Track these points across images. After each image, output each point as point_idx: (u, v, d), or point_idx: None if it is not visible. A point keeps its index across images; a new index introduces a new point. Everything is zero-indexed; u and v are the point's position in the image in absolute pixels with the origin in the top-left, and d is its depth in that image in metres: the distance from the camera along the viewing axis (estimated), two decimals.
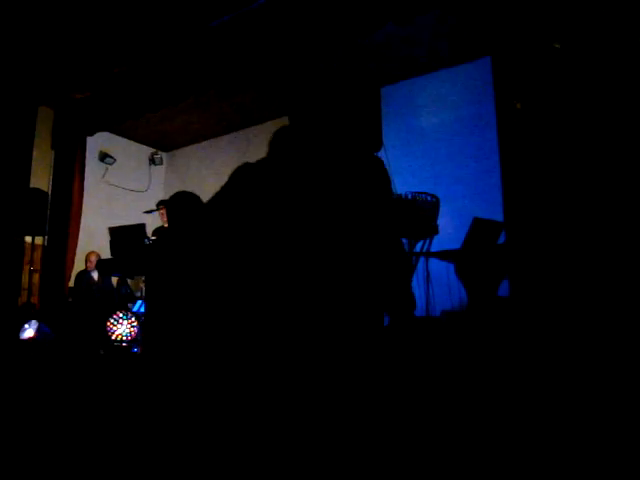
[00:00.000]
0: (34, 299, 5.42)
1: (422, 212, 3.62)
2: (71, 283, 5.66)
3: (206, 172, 6.95)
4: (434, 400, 2.09)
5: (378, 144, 3.40)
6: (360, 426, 1.78)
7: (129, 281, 5.34)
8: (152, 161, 7.77)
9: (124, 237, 4.23)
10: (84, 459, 2.28)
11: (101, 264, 5.15)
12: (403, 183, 3.99)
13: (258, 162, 1.79)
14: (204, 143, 7.65)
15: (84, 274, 5.68)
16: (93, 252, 5.72)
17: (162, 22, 4.45)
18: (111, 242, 4.59)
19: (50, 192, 5.49)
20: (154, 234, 4.76)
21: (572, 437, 1.80)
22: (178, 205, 2.73)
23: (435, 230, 3.68)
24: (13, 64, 4.65)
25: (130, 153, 7.53)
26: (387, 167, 1.69)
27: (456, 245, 3.72)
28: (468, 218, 3.72)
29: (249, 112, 6.71)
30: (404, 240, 3.95)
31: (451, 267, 3.80)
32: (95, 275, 5.60)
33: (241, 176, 1.77)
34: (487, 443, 1.87)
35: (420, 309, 3.87)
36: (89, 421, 2.69)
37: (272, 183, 1.67)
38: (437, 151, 5.48)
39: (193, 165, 7.55)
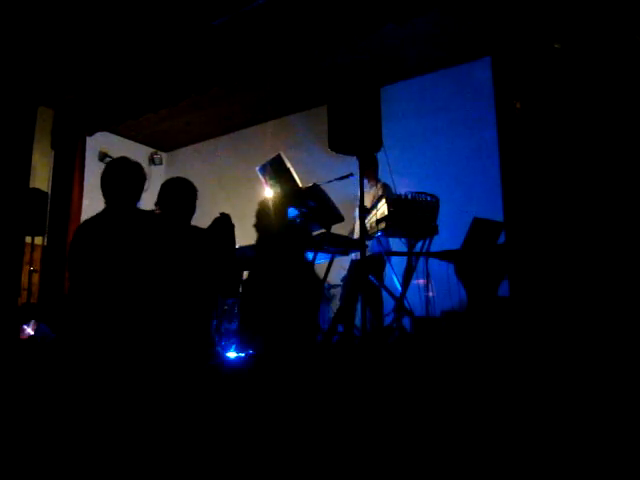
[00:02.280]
0: (34, 299, 5.42)
1: (422, 212, 3.62)
2: None
3: (206, 172, 6.95)
4: (434, 400, 2.09)
5: (378, 144, 3.40)
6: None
7: None
8: (152, 161, 7.77)
9: None
10: (83, 459, 2.27)
11: None
12: (403, 183, 4.00)
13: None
14: (204, 143, 7.64)
15: None
16: None
17: (163, 21, 4.44)
18: None
19: (50, 192, 5.49)
20: None
21: (571, 437, 1.80)
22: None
23: (435, 230, 3.68)
24: (13, 64, 4.65)
25: (130, 153, 7.49)
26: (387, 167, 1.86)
27: (456, 245, 3.72)
28: (468, 218, 3.72)
29: (249, 112, 6.72)
30: (404, 240, 3.95)
31: (451, 267, 3.80)
32: None
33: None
34: (486, 443, 1.87)
35: (420, 309, 3.87)
36: (89, 421, 2.68)
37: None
38: (437, 151, 5.48)
39: (193, 165, 7.54)
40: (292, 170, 3.65)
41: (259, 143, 6.60)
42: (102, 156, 6.99)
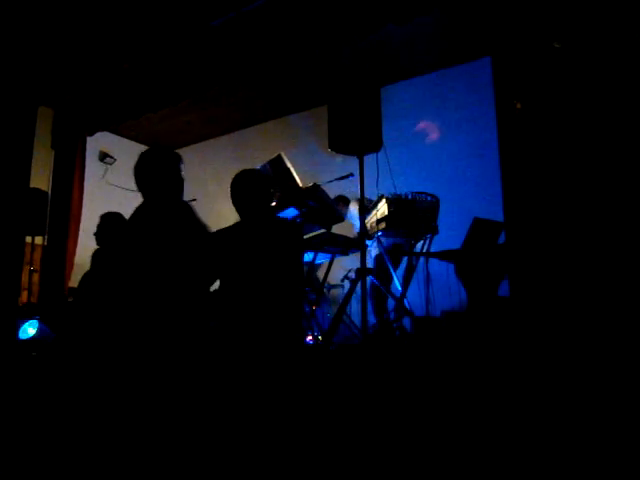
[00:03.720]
0: (34, 299, 5.42)
1: (422, 212, 3.62)
2: (74, 283, 5.64)
3: (206, 172, 6.95)
4: (434, 400, 2.09)
5: (378, 144, 3.40)
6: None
7: None
8: None
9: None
10: (83, 459, 2.27)
11: None
12: (403, 183, 4.00)
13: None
14: (204, 143, 7.64)
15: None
16: None
17: (163, 21, 4.45)
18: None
19: (50, 192, 5.49)
20: None
21: (572, 437, 1.80)
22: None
23: (435, 230, 3.68)
24: (13, 64, 4.65)
25: (130, 153, 7.50)
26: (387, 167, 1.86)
27: (456, 245, 3.72)
28: (468, 218, 3.72)
29: (249, 112, 6.72)
30: (404, 240, 3.95)
31: (451, 267, 3.80)
32: None
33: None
34: (486, 443, 1.87)
35: (420, 309, 3.87)
36: (89, 421, 2.69)
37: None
38: (437, 151, 5.48)
39: (193, 165, 7.54)
40: (292, 170, 3.66)
41: (259, 143, 6.60)
42: (102, 156, 6.99)
